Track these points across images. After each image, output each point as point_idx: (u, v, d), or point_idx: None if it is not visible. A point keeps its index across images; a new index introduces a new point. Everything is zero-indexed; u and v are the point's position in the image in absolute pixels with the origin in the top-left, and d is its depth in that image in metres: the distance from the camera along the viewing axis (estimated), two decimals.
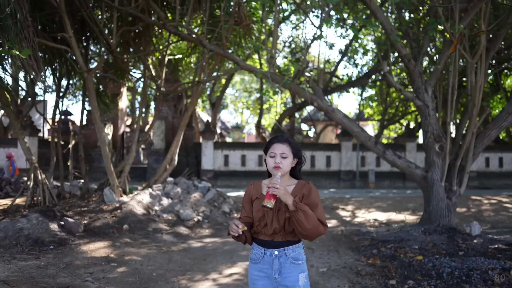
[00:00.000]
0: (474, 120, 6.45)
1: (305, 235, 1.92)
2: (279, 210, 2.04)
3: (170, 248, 5.70)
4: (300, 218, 1.87)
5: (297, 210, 1.88)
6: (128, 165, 8.74)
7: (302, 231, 1.90)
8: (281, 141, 2.12)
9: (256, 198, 2.20)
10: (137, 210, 7.05)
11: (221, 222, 7.65)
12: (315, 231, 1.89)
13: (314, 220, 1.89)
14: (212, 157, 16.71)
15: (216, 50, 7.23)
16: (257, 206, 2.15)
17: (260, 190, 2.21)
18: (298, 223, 1.88)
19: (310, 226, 1.88)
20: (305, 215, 1.87)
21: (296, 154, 2.13)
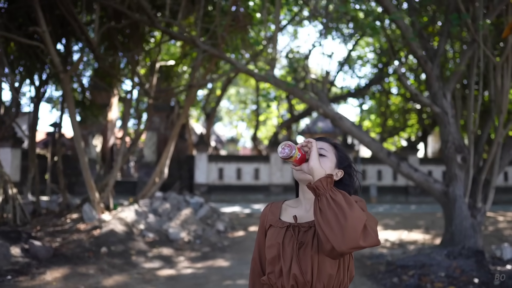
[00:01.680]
0: (500, 129, 5.74)
1: (335, 240, 1.12)
2: (304, 246, 1.30)
3: (155, 276, 4.84)
4: (329, 207, 1.15)
5: (325, 190, 1.18)
6: (113, 179, 7.90)
7: (331, 231, 1.13)
8: (322, 139, 1.48)
9: (271, 226, 1.46)
10: (119, 229, 6.19)
11: (215, 242, 6.80)
12: (352, 232, 1.10)
13: (353, 216, 1.12)
14: (205, 170, 15.87)
15: (211, 50, 6.50)
16: (271, 238, 1.40)
17: (278, 214, 1.47)
18: (324, 216, 1.15)
19: (344, 222, 1.11)
20: (337, 204, 1.14)
21: (341, 163, 1.43)
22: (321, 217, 1.15)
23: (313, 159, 1.24)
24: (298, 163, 1.29)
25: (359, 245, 1.10)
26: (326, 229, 1.13)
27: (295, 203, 1.49)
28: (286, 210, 1.48)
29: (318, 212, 1.17)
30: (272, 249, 1.37)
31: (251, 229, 8.21)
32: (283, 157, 1.25)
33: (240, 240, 7.20)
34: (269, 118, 23.80)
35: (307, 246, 1.30)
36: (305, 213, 1.41)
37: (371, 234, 1.13)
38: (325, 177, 1.19)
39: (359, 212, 1.13)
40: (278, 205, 1.52)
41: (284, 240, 1.35)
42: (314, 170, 1.22)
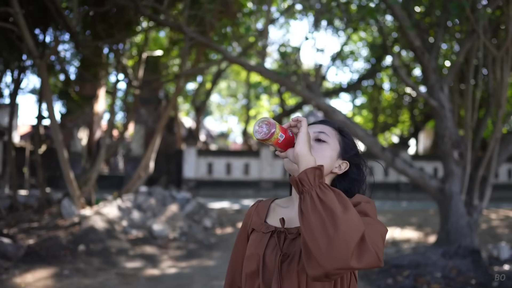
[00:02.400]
0: (499, 124, 5.52)
1: (318, 255, 0.82)
2: (289, 259, 1.01)
3: (136, 276, 4.54)
4: (314, 209, 0.85)
5: (311, 187, 0.88)
6: (95, 172, 7.55)
7: (314, 243, 0.83)
8: (324, 122, 1.17)
9: (253, 230, 1.16)
10: (100, 226, 5.86)
11: (201, 240, 6.51)
12: (342, 246, 0.80)
13: (346, 223, 0.82)
14: (194, 165, 15.53)
15: (198, 38, 6.17)
16: (251, 247, 1.12)
17: (264, 215, 1.18)
18: (306, 221, 0.86)
19: (333, 231, 0.81)
20: (325, 206, 0.84)
21: (347, 152, 1.12)
22: (303, 223, 0.86)
23: (299, 142, 0.94)
24: (283, 147, 0.98)
25: (349, 266, 0.80)
26: (308, 239, 0.84)
27: (286, 202, 1.18)
28: (275, 211, 1.17)
29: (300, 216, 0.88)
30: (251, 261, 1.08)
31: (240, 226, 7.93)
32: (260, 139, 0.95)
33: (228, 237, 6.92)
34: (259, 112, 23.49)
35: (293, 259, 1.00)
36: (297, 215, 1.07)
37: (369, 251, 0.82)
38: (313, 168, 0.89)
39: (356, 219, 0.83)
40: (265, 204, 1.21)
41: (266, 250, 1.06)
42: (300, 158, 0.92)
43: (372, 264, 0.82)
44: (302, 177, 0.89)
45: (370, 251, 0.82)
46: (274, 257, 1.03)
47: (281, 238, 1.06)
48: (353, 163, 1.11)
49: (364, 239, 0.82)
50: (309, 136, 0.97)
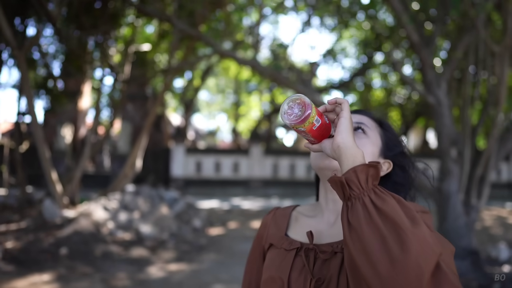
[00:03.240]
0: (497, 122, 5.39)
1: (376, 285, 0.59)
2: (324, 286, 0.78)
3: (122, 281, 4.27)
4: (369, 222, 0.63)
5: (363, 190, 0.66)
6: (79, 171, 7.22)
7: (370, 268, 0.60)
8: (363, 112, 0.93)
9: (271, 246, 0.91)
10: (84, 227, 5.56)
11: (191, 241, 6.25)
12: (413, 275, 0.57)
13: (418, 243, 0.59)
14: (183, 164, 15.22)
15: (188, 31, 5.91)
16: (270, 268, 0.86)
17: (285, 227, 0.93)
18: (358, 238, 0.63)
19: (401, 254, 0.58)
20: (385, 218, 0.62)
21: (390, 149, 0.89)
22: (353, 240, 0.63)
23: (341, 131, 0.71)
24: (317, 136, 0.75)
25: None
26: (361, 263, 0.61)
27: (312, 210, 0.94)
28: (298, 221, 0.93)
29: (347, 231, 0.65)
30: (271, 286, 0.83)
31: (230, 226, 7.69)
32: (290, 123, 0.71)
33: (219, 238, 6.68)
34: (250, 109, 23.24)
35: (329, 286, 0.76)
36: (328, 228, 0.87)
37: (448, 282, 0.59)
38: (365, 166, 0.67)
39: (429, 237, 0.61)
40: (285, 213, 0.96)
41: (291, 272, 0.82)
42: (343, 151, 0.69)
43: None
44: (350, 178, 0.66)
45: (451, 282, 0.59)
46: (303, 283, 0.79)
47: (310, 258, 0.82)
48: (398, 164, 0.88)
49: (440, 266, 0.60)
50: (352, 124, 0.73)
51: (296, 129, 0.72)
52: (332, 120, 0.77)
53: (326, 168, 0.83)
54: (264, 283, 0.86)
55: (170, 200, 7.68)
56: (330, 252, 0.80)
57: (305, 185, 15.81)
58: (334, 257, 0.79)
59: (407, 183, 0.88)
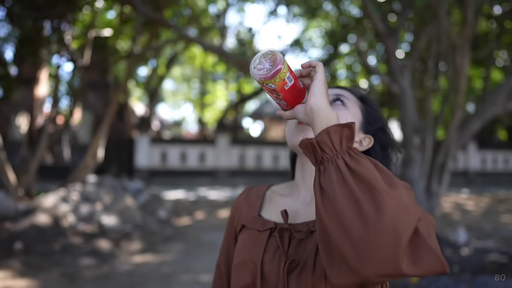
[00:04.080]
0: (458, 111, 5.58)
1: (351, 255, 0.54)
2: (299, 268, 0.72)
3: (82, 276, 4.08)
4: (343, 182, 0.58)
5: (337, 152, 0.61)
6: (36, 161, 6.85)
7: (344, 236, 0.55)
8: (343, 88, 0.88)
9: (244, 227, 0.85)
10: (42, 220, 5.28)
11: (156, 232, 6.10)
12: (389, 239, 0.52)
13: (395, 205, 0.54)
14: (147, 154, 14.85)
15: (152, 14, 5.68)
16: (242, 250, 0.80)
17: (258, 207, 0.87)
18: (330, 204, 0.58)
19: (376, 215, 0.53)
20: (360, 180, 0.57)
21: (371, 124, 0.85)
22: (324, 207, 0.58)
23: (314, 92, 0.66)
24: (289, 99, 0.70)
25: (400, 271, 0.51)
26: (333, 231, 0.56)
27: (287, 189, 0.88)
28: (272, 201, 0.87)
29: (319, 197, 0.59)
30: (243, 271, 0.77)
31: (197, 216, 7.58)
32: (260, 77, 0.66)
33: (185, 229, 6.56)
34: (216, 99, 22.97)
35: (304, 268, 0.71)
36: (305, 207, 0.82)
37: (429, 249, 0.54)
38: (338, 126, 0.62)
39: (407, 200, 0.56)
40: (259, 193, 0.90)
41: (264, 255, 0.76)
42: (316, 113, 0.65)
43: (434, 269, 0.53)
44: (323, 139, 0.61)
45: (431, 249, 0.54)
46: (277, 265, 0.74)
47: (284, 238, 0.76)
48: (378, 140, 0.84)
49: (419, 232, 0.55)
50: (327, 87, 0.68)
51: (267, 87, 0.67)
52: (307, 86, 0.71)
53: (296, 144, 0.78)
54: (235, 267, 0.79)
55: (134, 191, 7.45)
56: (306, 232, 0.75)
57: (272, 175, 15.89)
58: (311, 237, 0.74)
59: (387, 159, 0.84)
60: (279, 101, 0.71)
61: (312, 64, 0.71)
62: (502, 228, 6.87)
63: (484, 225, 7.06)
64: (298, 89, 0.69)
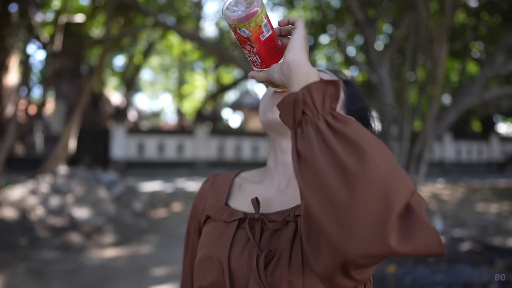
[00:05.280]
0: (435, 101, 5.60)
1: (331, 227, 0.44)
2: (275, 262, 0.63)
3: (51, 271, 3.90)
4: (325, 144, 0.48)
5: (317, 113, 0.51)
6: (3, 152, 6.53)
7: (325, 208, 0.45)
8: (325, 70, 0.81)
9: (208, 218, 0.75)
10: (8, 214, 5.04)
11: (131, 225, 5.93)
12: (376, 208, 0.42)
13: (389, 168, 0.45)
14: (123, 145, 14.51)
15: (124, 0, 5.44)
16: (206, 244, 0.70)
17: (225, 195, 0.78)
18: (313, 168, 0.47)
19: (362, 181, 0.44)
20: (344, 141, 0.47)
21: (352, 103, 0.77)
22: (302, 175, 0.48)
23: (294, 47, 0.59)
24: (265, 55, 0.61)
25: (388, 247, 0.42)
26: (313, 202, 0.46)
27: (260, 175, 0.79)
28: (241, 189, 0.78)
29: (296, 164, 0.50)
30: (207, 268, 0.67)
31: (174, 208, 7.43)
32: (233, 19, 0.57)
33: (161, 221, 6.42)
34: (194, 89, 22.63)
35: (279, 262, 0.62)
36: (278, 195, 0.73)
37: (424, 223, 0.44)
38: (322, 83, 0.52)
39: (399, 168, 0.47)
40: (226, 179, 0.81)
41: (232, 249, 0.67)
42: (295, 69, 0.57)
43: (430, 247, 0.43)
44: (303, 98, 0.51)
45: (427, 224, 0.44)
46: (247, 260, 0.65)
47: (255, 230, 0.67)
48: (360, 119, 0.77)
49: (412, 208, 0.45)
50: (307, 43, 0.61)
51: (239, 34, 0.58)
52: (285, 44, 0.64)
53: (274, 121, 0.69)
54: (198, 265, 0.69)
55: (108, 182, 7.22)
56: (281, 222, 0.65)
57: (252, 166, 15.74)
58: (286, 227, 0.65)
59: None
60: (253, 57, 0.62)
61: (290, 20, 0.63)
62: (477, 217, 7.01)
63: (460, 214, 7.18)
64: (275, 45, 0.61)
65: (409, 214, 0.44)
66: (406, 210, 0.44)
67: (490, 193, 10.38)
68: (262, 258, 0.62)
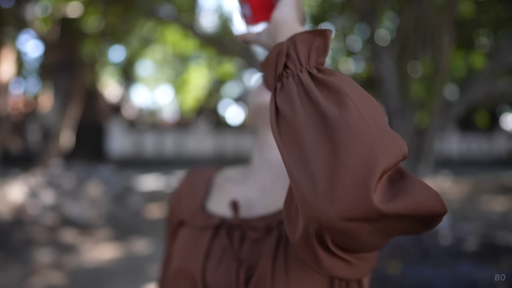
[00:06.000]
0: (441, 94, 5.46)
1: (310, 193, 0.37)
2: (257, 276, 0.53)
3: (46, 271, 3.76)
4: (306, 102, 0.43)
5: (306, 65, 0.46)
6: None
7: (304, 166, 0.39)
8: None
9: (183, 223, 0.64)
10: (2, 211, 4.88)
11: (127, 223, 5.79)
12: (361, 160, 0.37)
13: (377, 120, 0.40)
14: (120, 141, 14.35)
15: None
16: (180, 254, 0.59)
17: (201, 195, 0.64)
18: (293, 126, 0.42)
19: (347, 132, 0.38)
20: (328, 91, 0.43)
21: None
22: (281, 134, 0.43)
23: (283, 4, 0.53)
24: (256, 8, 0.57)
25: (371, 205, 0.35)
26: (291, 162, 0.40)
27: (243, 173, 0.68)
28: (222, 189, 0.66)
29: (274, 123, 0.44)
30: (179, 283, 0.58)
31: None
32: None
33: (158, 219, 6.27)
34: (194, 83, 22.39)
35: (262, 278, 0.53)
36: (262, 196, 0.62)
37: (422, 184, 0.38)
38: (309, 34, 0.47)
39: (388, 127, 0.42)
40: (205, 177, 0.69)
41: (207, 262, 0.56)
42: (280, 27, 0.52)
43: (426, 204, 0.36)
44: (286, 50, 0.47)
45: (421, 183, 0.38)
46: (225, 274, 0.55)
47: (234, 238, 0.58)
48: None
49: (405, 172, 0.41)
50: (301, 4, 0.55)
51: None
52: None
53: (263, 104, 0.63)
54: (170, 279, 0.59)
55: (104, 179, 7.07)
56: (263, 229, 0.56)
57: None
58: (268, 236, 0.56)
59: None
60: (245, 8, 0.58)
61: None
62: (483, 213, 6.89)
63: (465, 210, 7.06)
64: (267, 3, 0.57)
65: (402, 178, 0.40)
66: (398, 174, 0.40)
67: (497, 188, 10.27)
68: (242, 272, 0.54)
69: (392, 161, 0.38)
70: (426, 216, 0.36)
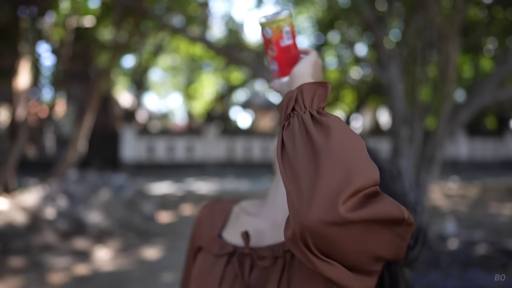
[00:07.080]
0: (447, 100, 5.48)
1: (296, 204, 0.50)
2: None
3: (62, 277, 3.91)
4: (306, 132, 0.57)
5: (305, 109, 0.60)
6: (14, 155, 6.61)
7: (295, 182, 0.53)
8: None
9: (201, 249, 0.74)
10: (19, 218, 5.07)
11: (140, 230, 5.93)
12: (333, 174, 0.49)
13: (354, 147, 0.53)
14: (133, 147, 14.58)
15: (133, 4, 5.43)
16: (197, 278, 0.68)
17: (220, 225, 0.76)
18: (292, 153, 0.55)
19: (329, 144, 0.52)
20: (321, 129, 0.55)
21: None
22: (283, 161, 0.54)
23: (302, 62, 0.68)
24: (282, 61, 0.70)
25: (338, 214, 0.45)
26: (287, 182, 0.52)
27: (258, 206, 0.77)
28: (238, 220, 0.75)
29: (280, 155, 0.55)
30: None
31: (184, 211, 7.43)
32: (261, 18, 0.68)
33: (171, 224, 6.42)
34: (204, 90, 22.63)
35: None
36: (272, 228, 0.70)
37: (388, 199, 0.49)
38: (312, 84, 0.59)
39: (367, 157, 0.51)
40: (225, 208, 0.79)
41: (221, 286, 0.65)
42: (296, 80, 0.66)
43: (387, 211, 0.47)
44: (294, 96, 0.59)
45: (388, 199, 0.49)
46: None
47: (245, 266, 0.65)
48: None
49: (381, 194, 0.50)
50: (318, 65, 0.71)
51: (264, 33, 0.68)
52: (301, 57, 0.73)
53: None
54: None
55: (118, 185, 7.24)
56: (270, 258, 0.64)
57: (261, 167, 15.77)
58: (274, 265, 0.64)
59: None
60: (273, 64, 0.71)
61: (307, 50, 0.73)
62: (492, 218, 6.86)
63: (474, 216, 7.04)
64: (293, 56, 0.70)
65: (376, 196, 0.48)
66: (374, 194, 0.48)
67: (506, 192, 10.17)
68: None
69: (365, 184, 0.47)
70: (386, 220, 0.46)
